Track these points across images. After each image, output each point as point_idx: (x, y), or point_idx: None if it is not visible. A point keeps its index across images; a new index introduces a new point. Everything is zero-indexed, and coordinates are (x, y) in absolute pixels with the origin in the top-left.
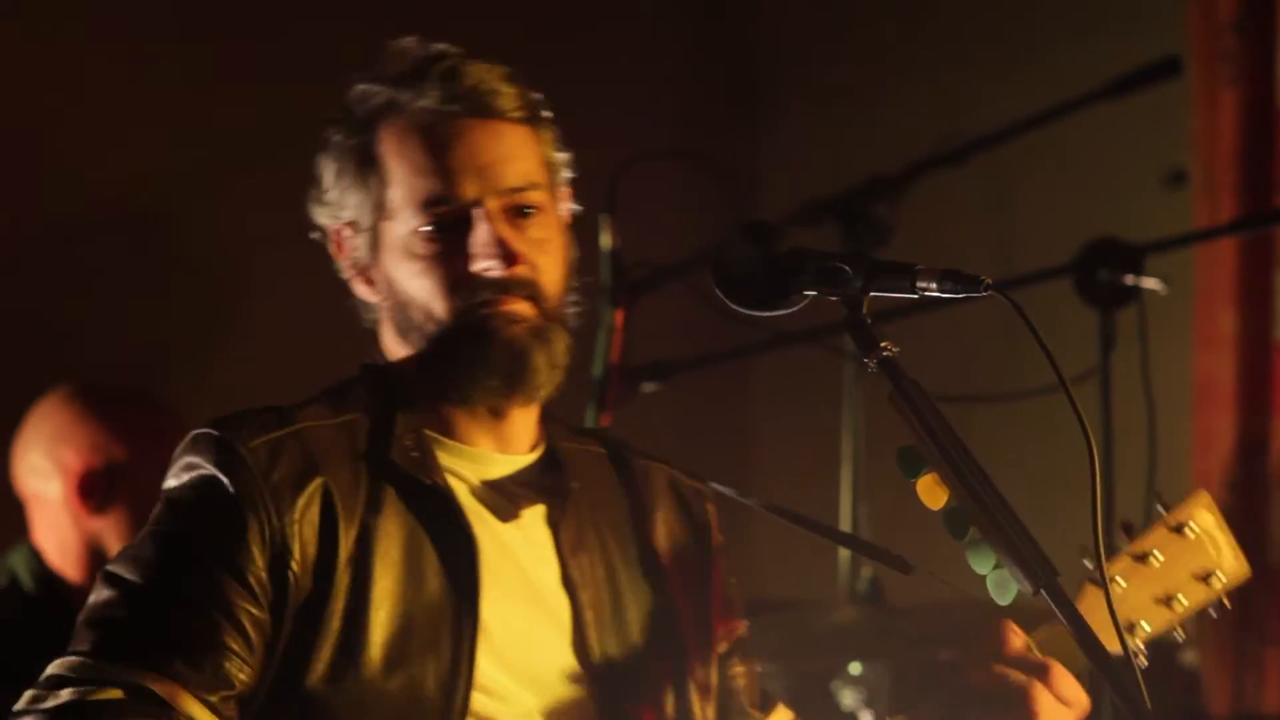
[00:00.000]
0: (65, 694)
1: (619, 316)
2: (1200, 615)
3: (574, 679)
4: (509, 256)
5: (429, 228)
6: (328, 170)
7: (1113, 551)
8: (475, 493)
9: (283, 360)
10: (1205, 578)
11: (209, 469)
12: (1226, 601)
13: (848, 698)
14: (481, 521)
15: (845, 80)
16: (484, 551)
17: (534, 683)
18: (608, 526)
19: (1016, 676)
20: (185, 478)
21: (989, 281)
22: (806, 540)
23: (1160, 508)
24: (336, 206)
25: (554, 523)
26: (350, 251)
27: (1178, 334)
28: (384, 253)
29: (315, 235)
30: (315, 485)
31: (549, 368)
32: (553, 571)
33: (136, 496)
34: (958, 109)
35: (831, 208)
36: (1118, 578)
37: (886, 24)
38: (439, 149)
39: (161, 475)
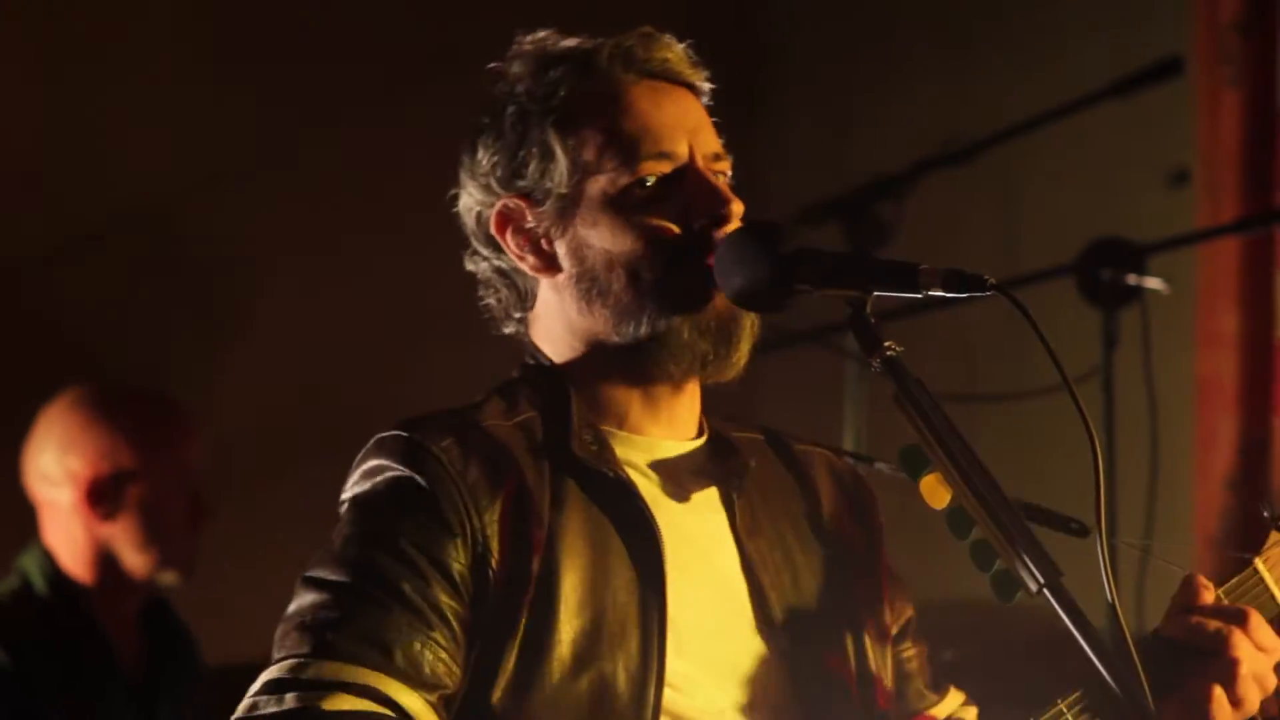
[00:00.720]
0: (290, 699)
1: None
2: None
3: (760, 665)
4: (731, 205)
5: (651, 179)
6: (493, 145)
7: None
8: (649, 478)
9: (289, 362)
10: None
11: (401, 469)
12: None
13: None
14: (659, 508)
15: (848, 80)
16: (666, 540)
17: (719, 672)
18: (780, 510)
19: (1214, 624)
20: (375, 479)
21: (993, 281)
22: None
23: None
24: (506, 181)
25: (729, 506)
26: (525, 224)
27: (1180, 333)
28: (581, 215)
29: (468, 218)
30: (509, 483)
31: (750, 339)
32: (731, 556)
33: (146, 501)
34: (961, 109)
35: (834, 208)
36: (1265, 569)
37: (890, 24)
38: (651, 106)
39: (172, 478)
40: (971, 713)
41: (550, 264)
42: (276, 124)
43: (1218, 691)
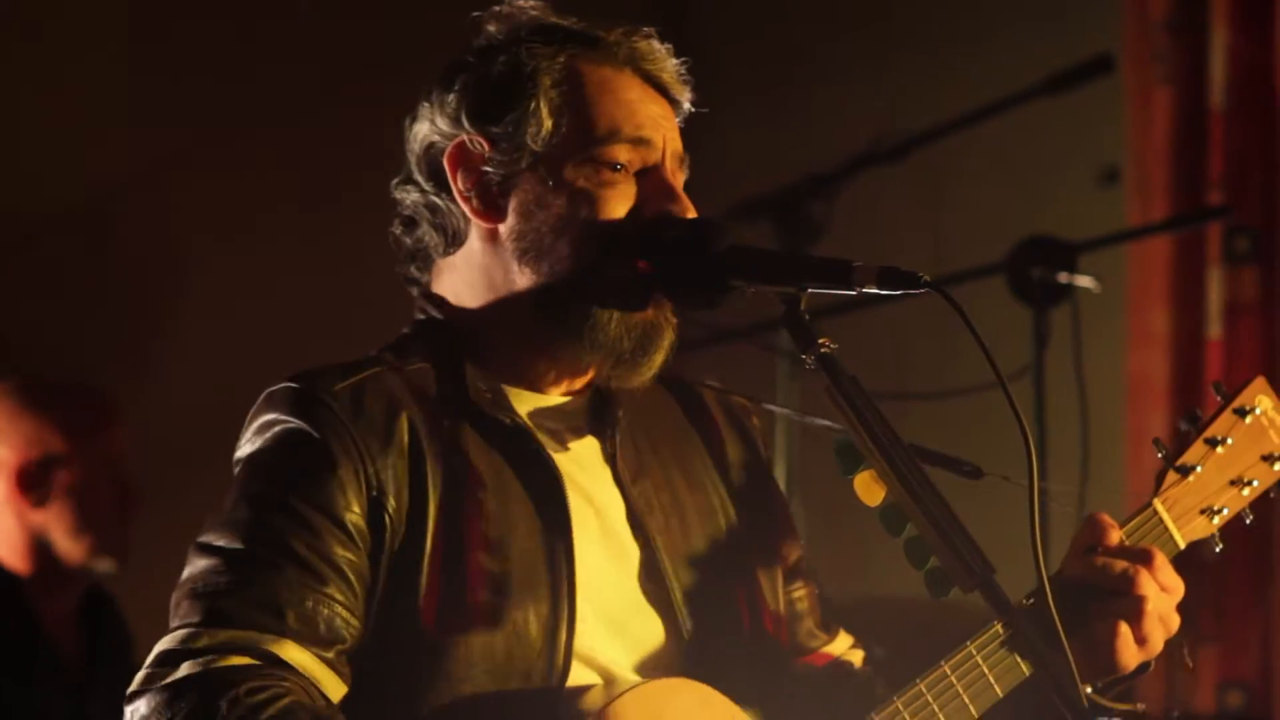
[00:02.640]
0: (185, 667)
1: None
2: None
3: (652, 609)
4: (689, 211)
5: (620, 165)
6: (473, 84)
7: (1181, 444)
8: (548, 436)
9: (218, 355)
10: (1271, 458)
11: (292, 421)
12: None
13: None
14: (555, 456)
15: (779, 78)
16: (566, 486)
17: (613, 619)
18: (668, 451)
19: (1121, 564)
20: (265, 435)
21: (926, 278)
22: None
23: (1223, 394)
24: (475, 119)
25: (609, 454)
26: (480, 166)
27: (1111, 332)
28: (543, 174)
29: (416, 145)
30: (402, 426)
31: (666, 353)
32: (618, 504)
33: (76, 488)
34: (892, 107)
35: (766, 205)
36: (1195, 464)
37: (821, 22)
38: (639, 99)
39: (100, 465)
40: (858, 655)
41: (492, 212)
42: (206, 122)
43: (1124, 629)
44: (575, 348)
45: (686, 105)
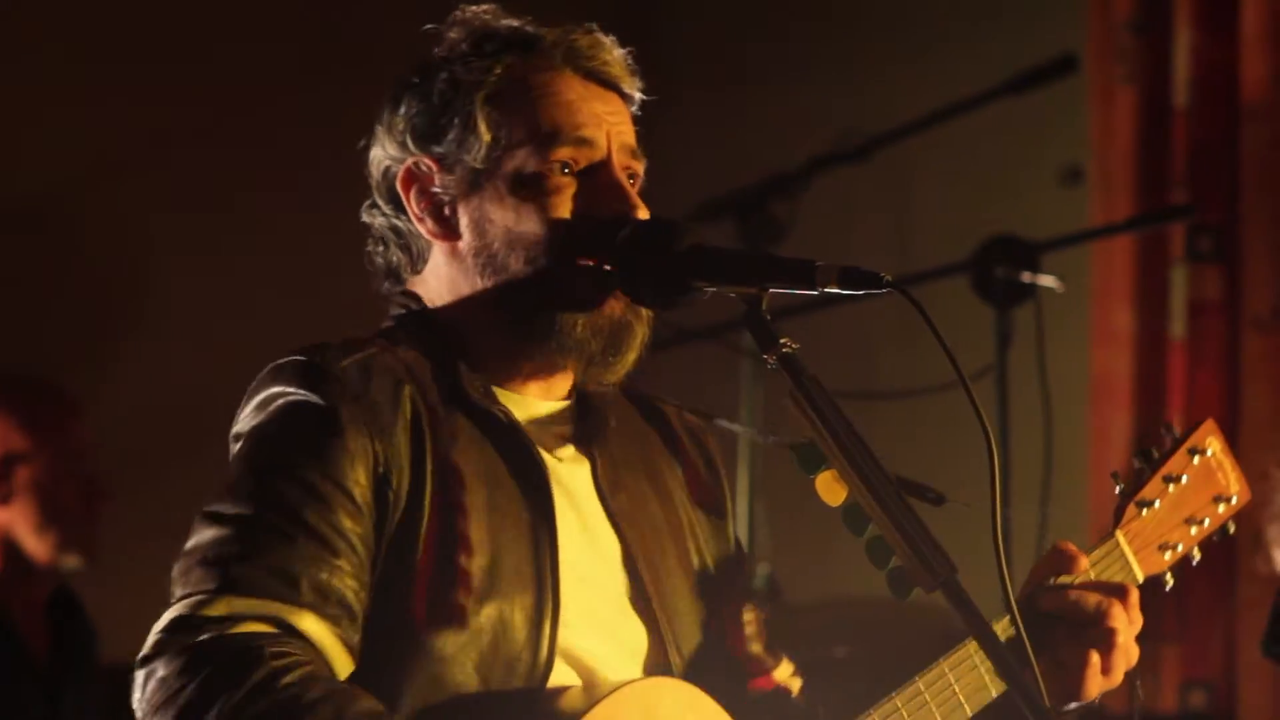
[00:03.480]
0: (204, 632)
1: None
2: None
3: (632, 610)
4: (637, 208)
5: (565, 166)
6: (417, 105)
7: (1139, 476)
8: (534, 437)
9: (181, 353)
10: (1220, 499)
11: (301, 393)
12: (1232, 526)
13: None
14: (545, 460)
15: (745, 77)
16: (551, 483)
17: (598, 616)
18: (639, 466)
19: (1095, 599)
20: (271, 407)
21: (888, 278)
22: None
23: (1171, 433)
24: (421, 141)
25: (591, 462)
26: (430, 187)
27: (1074, 331)
28: (490, 190)
29: (375, 170)
30: (406, 407)
31: (639, 348)
32: (599, 512)
33: (40, 483)
34: (856, 106)
35: (729, 205)
36: (1154, 500)
37: (785, 21)
38: (579, 99)
39: (64, 460)
40: (797, 683)
41: (448, 231)
42: (169, 117)
43: (1094, 659)
44: (547, 352)
45: (637, 95)
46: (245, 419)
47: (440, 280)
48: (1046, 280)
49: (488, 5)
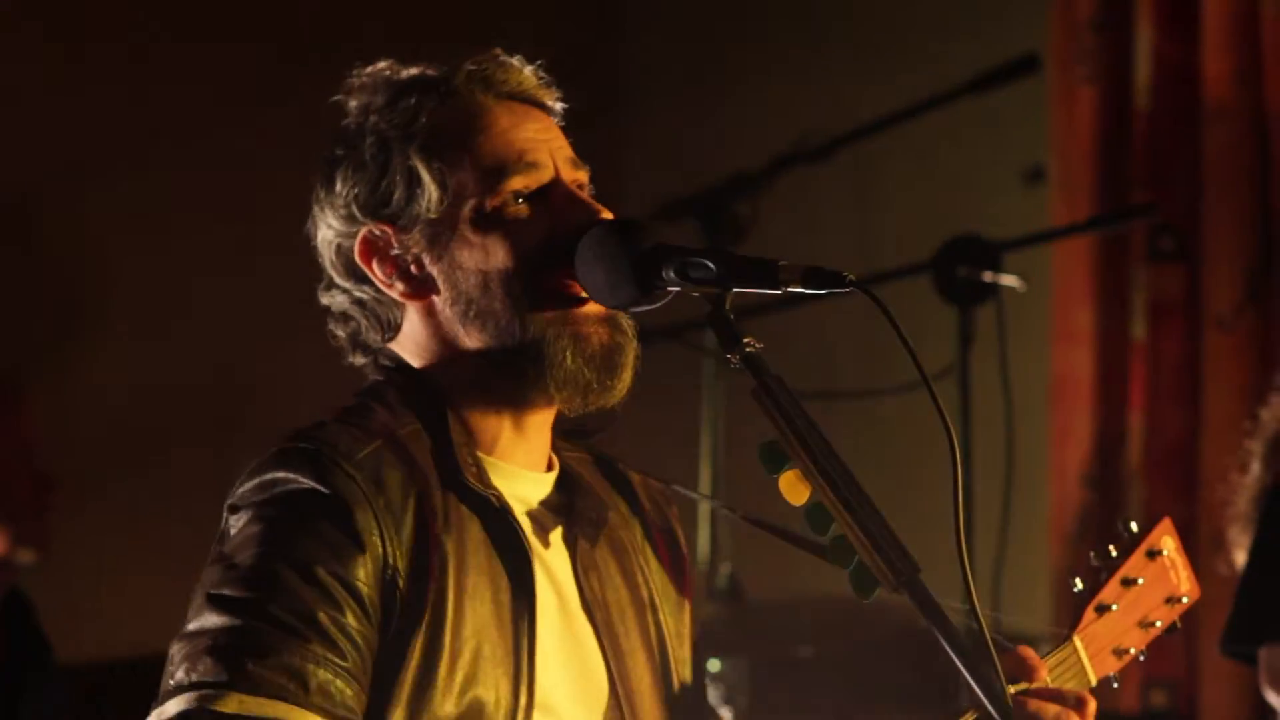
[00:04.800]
0: None
1: None
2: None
3: (605, 699)
4: (599, 213)
5: (520, 196)
6: (353, 175)
7: (1095, 577)
8: (520, 518)
9: (144, 351)
10: (1172, 600)
11: (313, 484)
12: (1179, 623)
13: (707, 694)
14: (529, 544)
15: (708, 77)
16: (536, 571)
17: (577, 703)
18: (608, 543)
19: (1053, 709)
20: (275, 490)
21: (851, 277)
22: None
23: (1129, 531)
24: (369, 209)
25: (570, 544)
26: (391, 251)
27: (1036, 331)
28: (453, 238)
29: (326, 251)
30: (412, 505)
31: (632, 368)
32: (574, 593)
33: None
34: (818, 106)
35: (691, 205)
36: (1111, 604)
37: (747, 21)
38: (511, 125)
39: (11, 455)
40: None
41: (421, 289)
42: (134, 114)
43: None
44: (540, 396)
45: (558, 105)
46: (246, 495)
47: (418, 342)
48: (1008, 280)
49: (384, 63)
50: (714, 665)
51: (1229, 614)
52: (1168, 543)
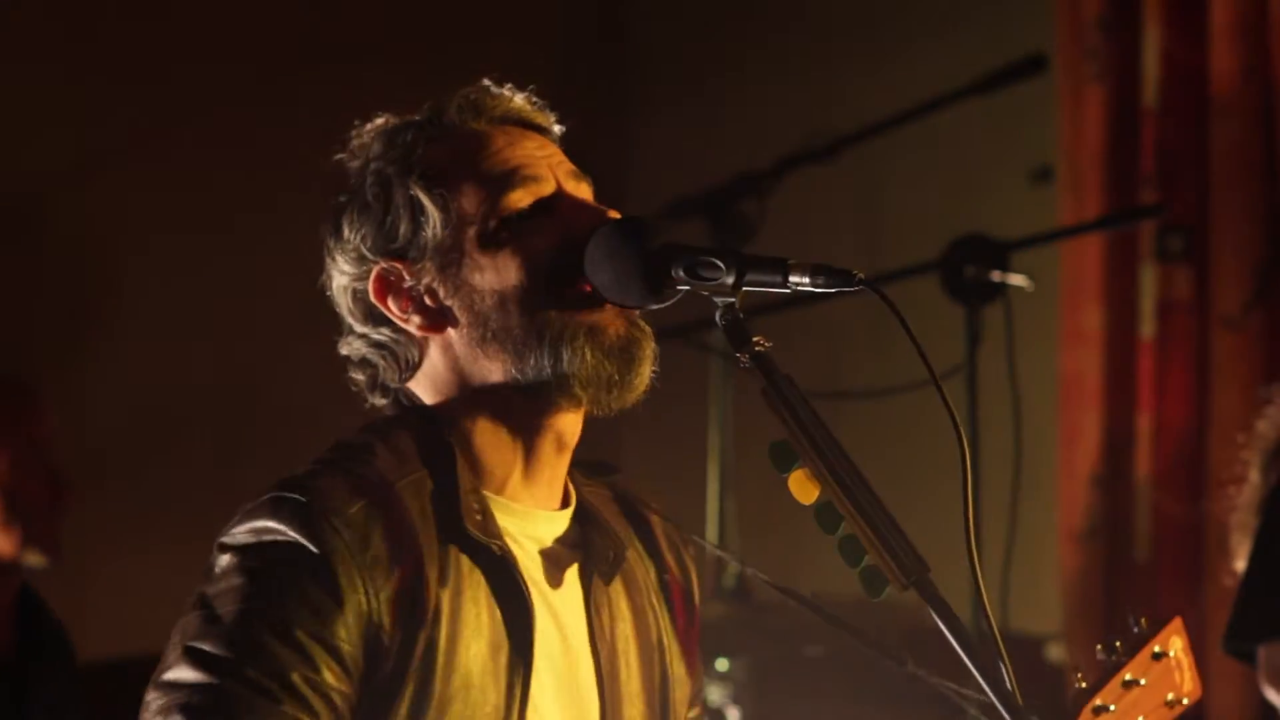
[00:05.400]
0: None
1: None
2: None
3: None
4: (606, 213)
5: (525, 209)
6: (358, 217)
7: (1100, 671)
8: (524, 551)
9: (150, 350)
10: (1172, 703)
11: (300, 540)
12: None
13: (714, 694)
14: (534, 587)
15: (715, 76)
16: (536, 619)
17: None
18: (621, 579)
19: None
20: (264, 538)
21: (861, 276)
22: None
23: (1139, 627)
24: (378, 248)
25: (585, 581)
26: (404, 285)
27: (1044, 330)
28: (463, 263)
29: (343, 298)
30: (406, 559)
31: (650, 362)
32: (583, 631)
33: (1, 482)
34: (826, 105)
35: (699, 204)
36: (1110, 705)
37: (756, 20)
38: (508, 145)
39: (25, 457)
40: None
41: (438, 320)
42: (142, 115)
43: None
44: (567, 394)
45: (556, 128)
46: (237, 536)
47: (435, 378)
48: (1016, 279)
49: (381, 118)
50: (722, 665)
51: (1230, 613)
52: (1175, 643)
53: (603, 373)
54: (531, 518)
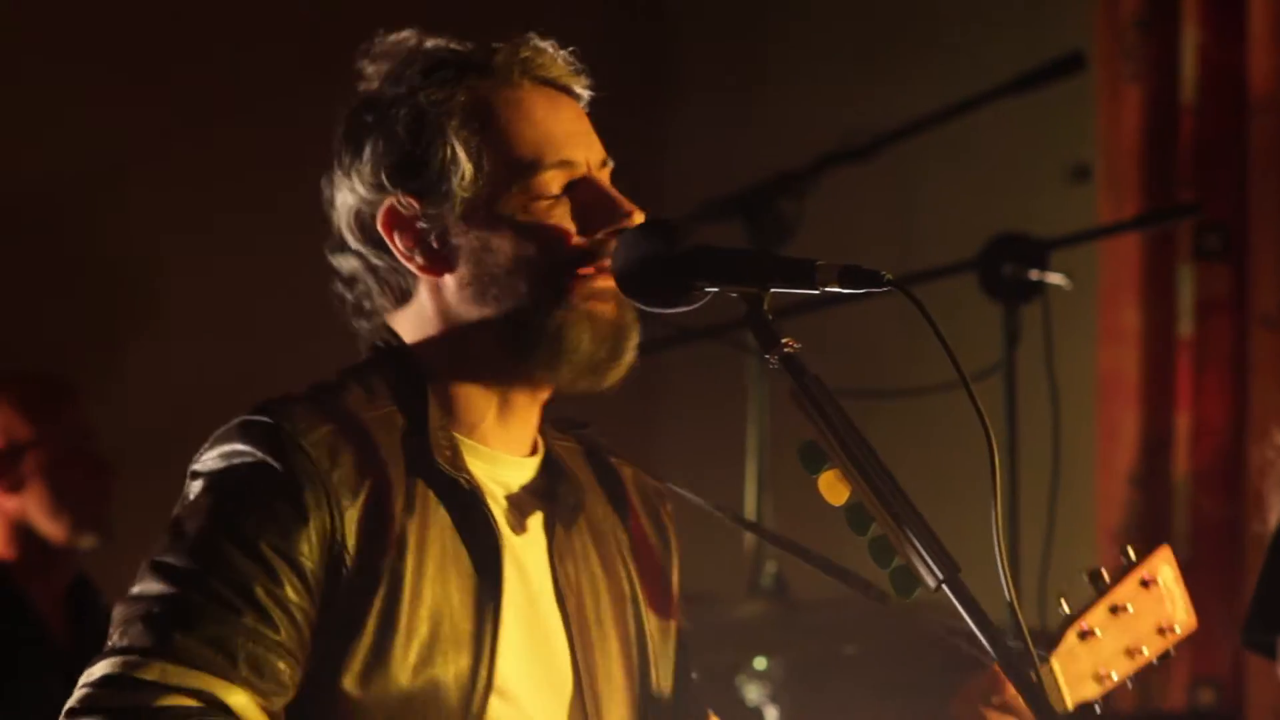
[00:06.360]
0: (130, 697)
1: None
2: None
3: (562, 682)
4: (633, 215)
5: (554, 187)
6: (383, 144)
7: (1083, 600)
8: (496, 504)
9: (191, 348)
10: (1163, 630)
11: (267, 459)
12: (1173, 651)
13: (752, 692)
14: (501, 528)
15: (751, 76)
16: (505, 557)
17: (540, 689)
18: (589, 531)
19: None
20: (233, 460)
21: (889, 277)
22: (710, 533)
23: (1129, 559)
24: (397, 179)
25: (549, 529)
26: (416, 224)
27: (1082, 329)
28: (483, 218)
29: (344, 215)
30: (369, 482)
31: (633, 352)
32: (547, 580)
33: (47, 468)
34: (862, 104)
35: (735, 204)
36: (1095, 629)
37: (792, 20)
38: (548, 113)
39: (69, 444)
40: None
41: (440, 264)
42: (181, 112)
43: None
44: (552, 369)
45: (585, 94)
46: (207, 461)
47: (424, 315)
48: (1054, 278)
49: (407, 31)
50: (759, 663)
51: (1248, 606)
52: (1165, 572)
53: (596, 356)
54: (500, 462)
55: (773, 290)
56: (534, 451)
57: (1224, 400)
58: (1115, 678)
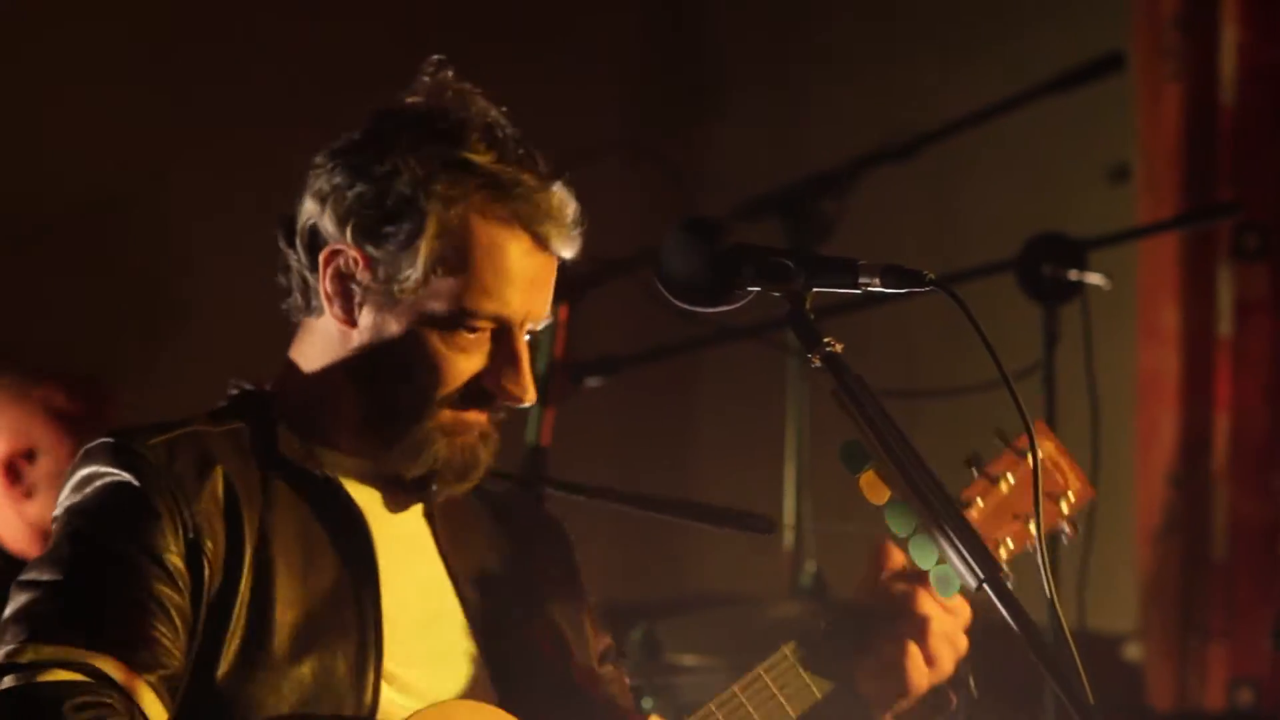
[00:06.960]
0: (8, 680)
1: (563, 312)
2: (1054, 537)
3: (470, 662)
4: (527, 393)
5: (484, 329)
6: (365, 196)
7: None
8: (355, 484)
9: (227, 351)
10: (1055, 498)
11: (111, 471)
12: (1069, 529)
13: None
14: (373, 517)
15: (791, 76)
16: (376, 539)
17: (432, 665)
18: (479, 534)
19: (899, 587)
20: (87, 488)
21: (931, 276)
22: (749, 535)
23: (1000, 440)
24: (361, 235)
25: (430, 518)
26: (352, 277)
27: (1121, 329)
28: (404, 311)
29: (301, 219)
30: (216, 475)
31: (488, 464)
32: (436, 566)
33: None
34: (902, 105)
35: (775, 203)
36: (977, 499)
37: (832, 20)
38: (520, 268)
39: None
40: None
41: (350, 318)
42: (219, 115)
43: (913, 649)
44: (403, 466)
45: (569, 253)
46: (64, 499)
47: (325, 341)
48: (1094, 278)
49: (453, 81)
50: None
51: (1277, 608)
52: (1044, 444)
53: (450, 467)
54: (358, 457)
55: (815, 290)
56: None
57: (1263, 399)
58: (1014, 545)
